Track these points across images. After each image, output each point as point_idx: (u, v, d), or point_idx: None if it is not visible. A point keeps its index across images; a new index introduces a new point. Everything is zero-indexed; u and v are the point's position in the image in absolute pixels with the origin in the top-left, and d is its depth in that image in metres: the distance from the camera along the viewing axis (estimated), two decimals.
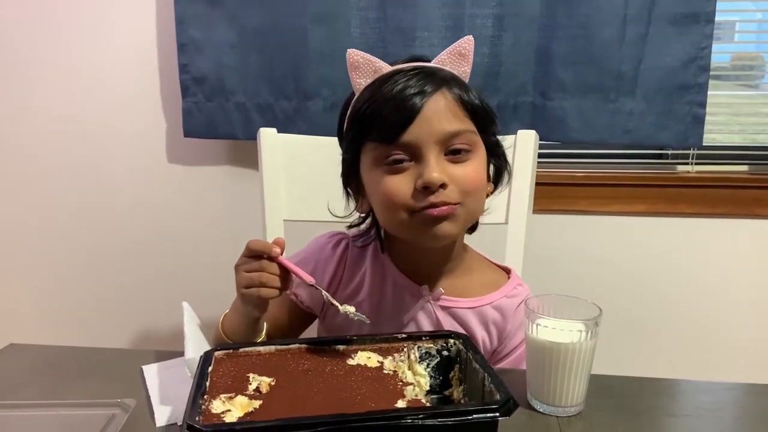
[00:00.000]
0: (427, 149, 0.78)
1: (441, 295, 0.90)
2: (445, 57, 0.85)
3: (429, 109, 0.78)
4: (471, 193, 0.81)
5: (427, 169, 0.77)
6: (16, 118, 1.65)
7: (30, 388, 0.82)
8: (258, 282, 0.78)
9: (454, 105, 0.80)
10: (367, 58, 0.84)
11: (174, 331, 1.63)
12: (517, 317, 0.92)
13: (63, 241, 1.72)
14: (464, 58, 0.85)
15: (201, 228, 1.67)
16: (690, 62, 1.41)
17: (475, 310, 0.91)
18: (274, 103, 1.51)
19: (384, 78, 0.82)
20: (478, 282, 0.93)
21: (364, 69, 0.84)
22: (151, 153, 1.64)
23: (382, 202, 0.82)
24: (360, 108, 0.82)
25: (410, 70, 0.82)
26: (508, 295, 0.93)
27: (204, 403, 0.61)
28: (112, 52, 1.59)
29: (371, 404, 0.63)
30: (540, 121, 1.46)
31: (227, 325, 0.88)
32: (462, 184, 0.79)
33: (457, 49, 0.84)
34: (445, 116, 0.79)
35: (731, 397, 0.84)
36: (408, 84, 0.79)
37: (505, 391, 0.60)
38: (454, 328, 0.90)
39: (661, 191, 1.56)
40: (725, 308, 1.59)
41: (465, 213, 0.81)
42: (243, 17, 1.47)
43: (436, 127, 0.78)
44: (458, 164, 0.80)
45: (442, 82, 0.81)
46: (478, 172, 0.82)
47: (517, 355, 0.92)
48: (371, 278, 0.92)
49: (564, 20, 1.42)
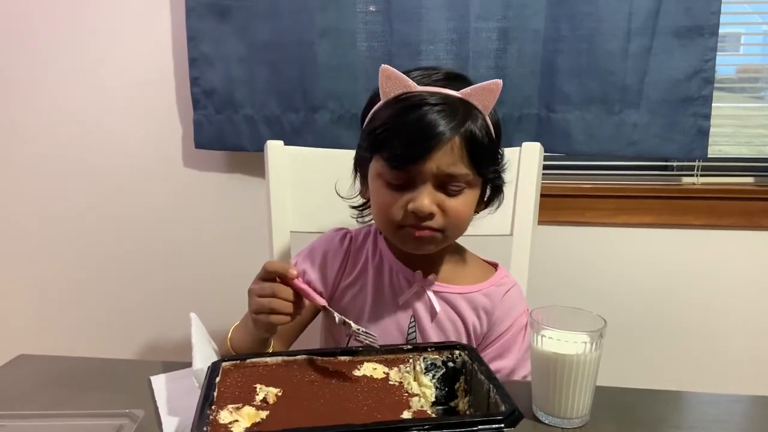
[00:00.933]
0: (423, 181, 0.85)
1: (434, 281, 0.96)
2: (471, 92, 0.87)
3: (437, 152, 0.83)
4: (454, 224, 0.88)
5: (420, 198, 0.84)
6: (33, 127, 1.67)
7: (40, 399, 0.83)
8: (269, 308, 0.80)
9: (461, 152, 0.84)
10: (399, 76, 0.86)
11: (181, 342, 1.64)
12: (504, 304, 0.98)
13: (72, 253, 1.73)
14: (490, 94, 0.88)
15: (209, 239, 1.68)
16: (694, 75, 1.42)
17: (466, 296, 0.96)
18: (281, 116, 1.53)
19: (409, 104, 0.85)
20: (468, 272, 1.00)
21: (394, 84, 0.87)
22: (162, 165, 1.66)
23: (376, 209, 0.91)
24: (379, 126, 0.86)
25: (436, 103, 0.84)
26: (496, 284, 0.99)
27: (211, 414, 0.62)
28: (128, 66, 1.62)
29: (377, 415, 0.63)
30: (545, 133, 1.47)
31: (236, 340, 0.90)
32: (449, 215, 0.86)
33: (486, 86, 0.87)
34: (450, 161, 0.84)
35: (737, 409, 0.84)
36: (427, 121, 0.82)
37: (510, 403, 0.61)
38: (447, 312, 0.96)
39: (666, 203, 1.56)
40: (731, 320, 1.59)
41: (445, 239, 0.89)
42: (252, 32, 1.49)
43: (437, 168, 0.84)
44: (449, 197, 0.86)
45: (459, 123, 0.84)
46: (465, 207, 0.88)
47: (503, 342, 0.97)
48: (371, 265, 0.99)
49: (568, 33, 1.43)
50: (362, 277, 0.98)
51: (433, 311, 0.95)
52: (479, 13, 1.43)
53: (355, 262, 1.00)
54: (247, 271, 0.96)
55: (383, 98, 0.87)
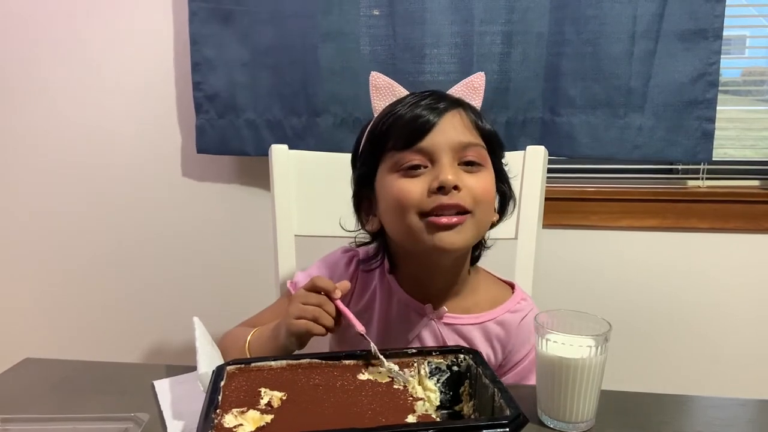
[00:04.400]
0: (442, 155, 0.82)
1: (445, 314, 0.91)
2: (458, 89, 0.90)
3: (445, 120, 0.83)
4: (482, 202, 0.83)
5: (443, 170, 0.80)
6: (36, 132, 1.68)
7: (45, 403, 0.83)
8: (311, 316, 0.78)
9: (468, 122, 0.85)
10: (389, 82, 0.89)
11: (185, 346, 1.64)
12: (520, 332, 0.92)
13: (77, 258, 1.74)
14: (476, 91, 0.89)
15: (213, 243, 1.68)
16: (699, 78, 1.42)
17: (478, 326, 0.92)
18: (283, 120, 1.53)
19: (401, 98, 0.88)
20: (482, 299, 0.94)
21: (384, 91, 0.89)
22: (164, 170, 1.66)
23: (393, 204, 0.83)
24: (378, 123, 0.87)
25: (426, 92, 0.87)
26: (511, 310, 0.93)
27: (216, 417, 0.62)
28: (130, 70, 1.63)
29: (381, 419, 0.63)
30: (549, 136, 1.47)
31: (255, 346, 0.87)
32: (474, 191, 0.82)
33: (469, 83, 0.89)
34: (460, 128, 0.84)
35: (744, 413, 0.83)
36: (424, 102, 0.84)
37: (515, 407, 0.61)
38: (458, 344, 0.90)
39: (671, 206, 1.55)
40: (736, 323, 1.58)
41: (472, 224, 0.83)
42: (254, 36, 1.49)
43: (451, 136, 0.82)
44: (471, 174, 0.83)
45: (456, 103, 0.86)
46: (488, 184, 0.85)
47: (520, 369, 0.93)
48: (379, 296, 0.95)
49: (572, 36, 1.43)
50: (369, 309, 0.95)
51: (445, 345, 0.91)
52: (483, 16, 1.43)
53: (362, 291, 0.96)
54: (251, 276, 0.97)
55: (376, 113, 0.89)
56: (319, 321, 0.78)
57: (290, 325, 0.79)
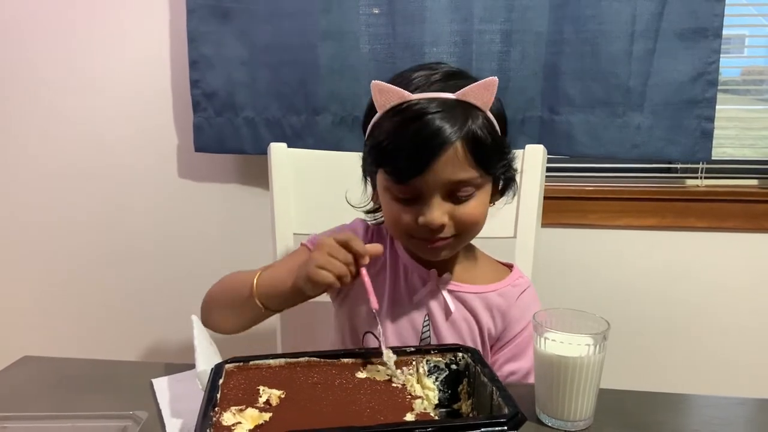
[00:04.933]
0: (431, 194, 0.84)
1: (449, 280, 0.95)
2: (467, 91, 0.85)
3: (441, 161, 0.82)
4: (468, 228, 0.88)
5: (429, 211, 0.84)
6: (32, 130, 1.68)
7: (44, 400, 0.83)
8: (337, 271, 0.79)
9: (464, 156, 0.83)
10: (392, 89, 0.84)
11: (183, 344, 1.64)
12: (519, 305, 0.97)
13: (74, 254, 1.73)
14: (487, 90, 0.85)
15: (211, 241, 1.68)
16: (698, 77, 1.41)
17: (480, 296, 0.96)
18: (282, 118, 1.52)
19: (407, 116, 0.83)
20: (483, 272, 1.00)
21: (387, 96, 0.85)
22: (162, 168, 1.66)
23: (388, 221, 0.92)
24: (379, 141, 0.85)
25: (434, 111, 0.82)
26: (512, 284, 0.99)
27: (215, 416, 0.62)
28: (128, 68, 1.62)
29: (380, 417, 0.63)
30: (548, 135, 1.47)
31: (266, 280, 0.89)
32: (461, 222, 0.86)
33: (483, 84, 0.85)
34: (455, 167, 0.83)
35: (742, 412, 0.84)
36: (428, 130, 0.81)
37: (513, 405, 0.61)
38: (461, 311, 0.95)
39: (670, 205, 1.55)
40: (734, 322, 1.58)
41: (460, 242, 0.90)
42: (253, 34, 1.49)
43: (443, 178, 0.83)
44: (459, 204, 0.86)
45: (459, 127, 0.82)
46: (477, 210, 0.88)
47: (514, 346, 0.96)
48: (388, 262, 0.98)
49: (571, 35, 1.43)
50: (381, 274, 0.98)
51: (448, 311, 0.94)
52: (482, 15, 1.43)
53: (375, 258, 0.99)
54: None
55: (380, 111, 0.86)
56: (342, 279, 0.80)
57: (313, 273, 0.80)
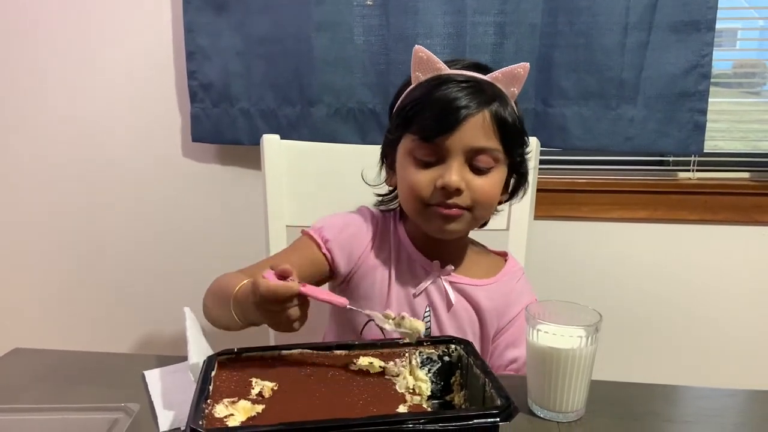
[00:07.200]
0: (453, 156, 0.87)
1: (451, 272, 0.97)
2: (499, 75, 0.91)
3: (467, 123, 0.86)
4: (482, 203, 0.89)
5: (449, 172, 0.86)
6: (28, 120, 1.67)
7: (34, 392, 0.83)
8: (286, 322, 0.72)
9: (490, 125, 0.87)
10: (431, 58, 0.90)
11: (175, 336, 1.63)
12: (515, 290, 1.00)
13: (66, 246, 1.73)
14: (516, 79, 0.91)
15: (204, 233, 1.67)
16: (691, 69, 1.42)
17: (481, 288, 0.98)
18: (277, 110, 1.52)
19: (438, 83, 0.88)
20: (483, 264, 1.02)
21: (426, 66, 0.90)
22: (158, 159, 1.65)
23: (404, 188, 0.92)
24: (410, 103, 0.90)
25: (463, 80, 0.88)
26: (509, 274, 1.02)
27: (207, 408, 0.61)
28: (124, 59, 1.61)
29: (373, 409, 0.63)
30: (541, 127, 1.47)
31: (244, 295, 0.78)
32: (476, 194, 0.88)
33: (513, 71, 0.91)
34: (479, 134, 0.86)
35: (732, 403, 0.84)
36: (457, 95, 0.86)
37: (505, 397, 0.61)
38: (462, 303, 0.97)
39: (662, 198, 1.56)
40: (726, 314, 1.59)
41: (471, 218, 0.91)
42: (249, 25, 1.48)
43: (467, 141, 0.86)
44: (478, 175, 0.88)
45: (488, 100, 0.87)
46: (493, 187, 0.90)
47: (514, 330, 0.98)
48: (393, 251, 0.99)
49: (565, 28, 1.42)
50: (387, 263, 0.98)
51: (449, 302, 0.96)
52: (476, 7, 1.43)
53: (381, 244, 1.00)
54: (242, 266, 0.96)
55: (414, 82, 0.91)
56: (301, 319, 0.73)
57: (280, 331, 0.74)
